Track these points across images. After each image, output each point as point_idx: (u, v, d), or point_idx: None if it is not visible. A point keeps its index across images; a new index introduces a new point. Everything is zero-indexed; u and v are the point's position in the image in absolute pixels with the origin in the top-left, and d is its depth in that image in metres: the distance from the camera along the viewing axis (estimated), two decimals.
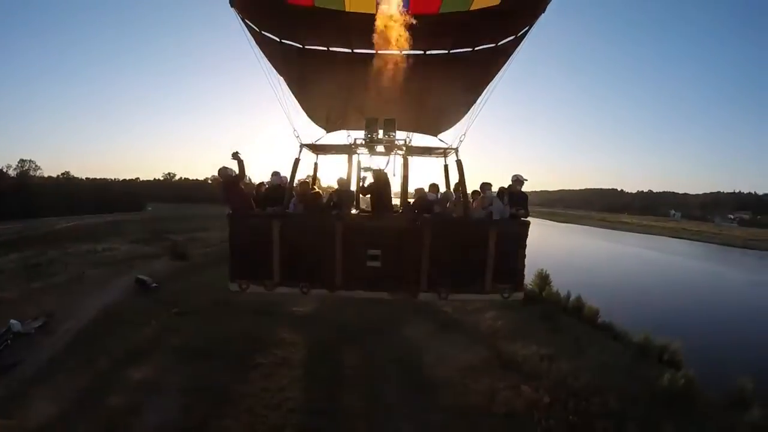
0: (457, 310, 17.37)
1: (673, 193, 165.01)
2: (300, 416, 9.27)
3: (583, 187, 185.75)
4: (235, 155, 7.38)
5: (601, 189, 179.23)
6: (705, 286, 32.52)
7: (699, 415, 11.87)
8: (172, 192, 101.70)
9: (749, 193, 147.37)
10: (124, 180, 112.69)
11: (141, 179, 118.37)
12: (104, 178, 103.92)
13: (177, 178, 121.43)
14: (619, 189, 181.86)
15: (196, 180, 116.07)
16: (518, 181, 7.87)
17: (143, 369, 10.58)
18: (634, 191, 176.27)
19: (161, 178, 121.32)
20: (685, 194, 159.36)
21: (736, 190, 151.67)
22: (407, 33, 5.98)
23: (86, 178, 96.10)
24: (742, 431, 11.36)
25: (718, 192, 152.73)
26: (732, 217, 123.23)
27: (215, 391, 9.76)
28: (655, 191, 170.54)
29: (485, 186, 7.80)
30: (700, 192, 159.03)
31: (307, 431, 8.84)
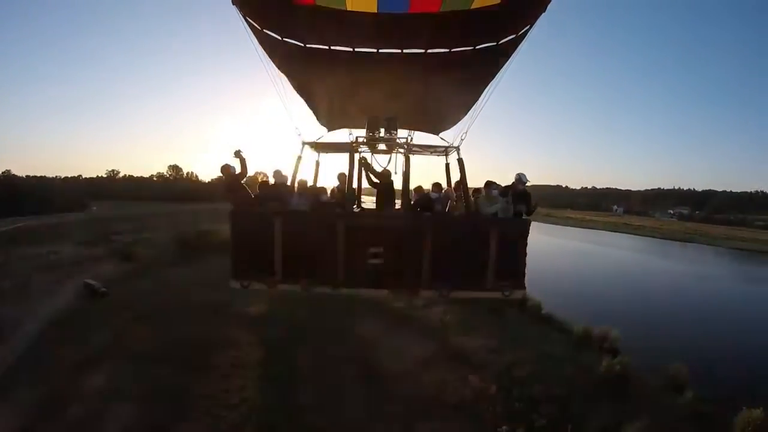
0: (409, 306, 17.98)
1: (617, 189, 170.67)
2: (259, 414, 9.56)
3: (528, 185, 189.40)
4: (238, 153, 7.52)
5: (546, 185, 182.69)
6: (643, 278, 34.58)
7: (636, 397, 12.88)
8: (117, 190, 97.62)
9: (689, 189, 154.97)
10: (66, 178, 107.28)
11: (83, 177, 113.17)
12: (44, 176, 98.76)
13: (121, 175, 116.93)
14: (564, 185, 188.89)
15: (141, 177, 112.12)
16: (520, 180, 8.07)
17: (101, 376, 10.54)
18: (579, 188, 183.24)
19: (104, 176, 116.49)
20: (628, 190, 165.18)
21: (677, 187, 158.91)
22: (408, 32, 6.11)
23: (26, 176, 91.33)
24: (676, 412, 12.36)
25: (659, 188, 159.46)
26: (672, 212, 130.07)
27: (175, 394, 9.88)
28: (598, 187, 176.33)
29: (490, 184, 7.86)
30: (642, 188, 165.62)
31: (267, 429, 9.13)
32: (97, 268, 22.04)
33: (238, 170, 7.74)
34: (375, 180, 8.43)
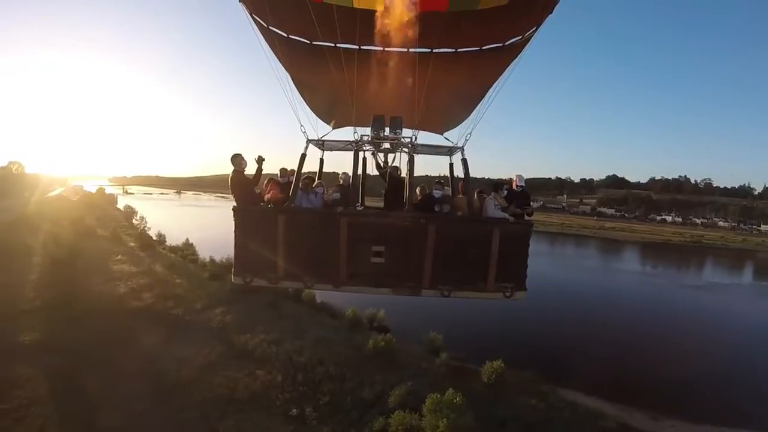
0: (187, 311, 18.67)
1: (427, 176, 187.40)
2: None
3: None
4: (260, 160, 7.36)
5: None
6: None
7: (401, 364, 16.00)
8: None
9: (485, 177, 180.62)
10: None
11: None
12: None
13: None
14: None
15: None
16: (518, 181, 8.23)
17: None
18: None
19: None
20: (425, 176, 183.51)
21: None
22: (414, 31, 5.99)
23: None
24: (435, 371, 15.70)
25: (440, 175, 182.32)
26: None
27: None
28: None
29: (498, 184, 7.78)
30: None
31: None
32: None
33: (247, 168, 7.43)
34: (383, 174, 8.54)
